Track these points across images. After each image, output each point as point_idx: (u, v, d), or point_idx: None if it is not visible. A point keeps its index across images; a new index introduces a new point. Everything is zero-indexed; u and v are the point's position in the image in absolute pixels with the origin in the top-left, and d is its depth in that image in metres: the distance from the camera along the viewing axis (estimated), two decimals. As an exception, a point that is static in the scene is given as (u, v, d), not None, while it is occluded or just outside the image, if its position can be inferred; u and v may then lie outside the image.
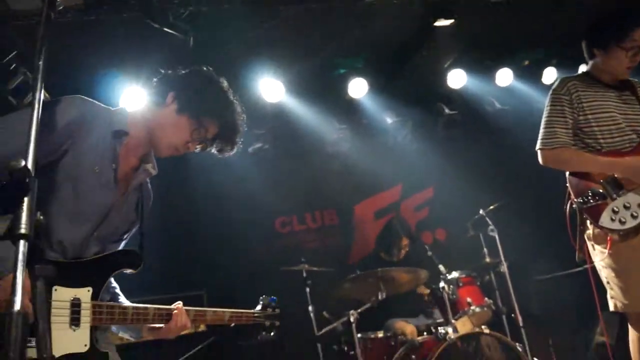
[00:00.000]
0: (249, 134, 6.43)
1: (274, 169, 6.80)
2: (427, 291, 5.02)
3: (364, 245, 6.56)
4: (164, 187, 3.10)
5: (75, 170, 2.06)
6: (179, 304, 2.38)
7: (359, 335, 4.62)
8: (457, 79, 6.10)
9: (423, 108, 6.79)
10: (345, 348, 4.82)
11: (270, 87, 5.60)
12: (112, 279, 2.33)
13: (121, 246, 2.32)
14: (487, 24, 5.46)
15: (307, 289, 5.12)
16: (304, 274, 5.19)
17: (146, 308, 2.26)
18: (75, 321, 1.99)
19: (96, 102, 2.22)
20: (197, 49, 4.62)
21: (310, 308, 5.02)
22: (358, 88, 5.92)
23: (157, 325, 2.33)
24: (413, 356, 4.41)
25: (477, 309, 4.70)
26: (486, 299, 4.83)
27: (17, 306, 1.15)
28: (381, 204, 7.25)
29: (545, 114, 3.23)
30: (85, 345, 1.99)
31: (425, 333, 4.74)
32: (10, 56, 3.96)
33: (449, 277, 4.78)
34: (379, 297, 4.64)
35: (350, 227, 7.12)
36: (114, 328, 2.34)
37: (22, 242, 1.25)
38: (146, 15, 4.15)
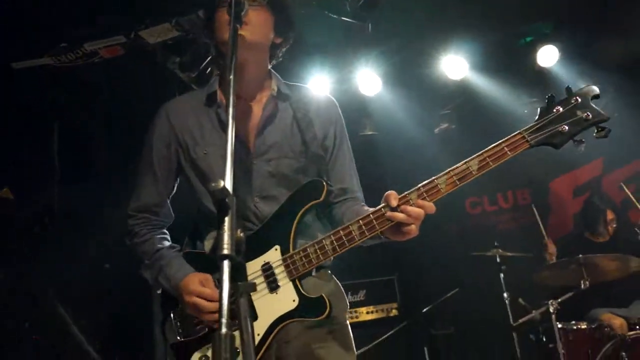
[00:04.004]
0: (434, 115, 6.34)
1: (462, 148, 6.54)
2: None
3: (561, 225, 6.09)
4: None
5: (198, 167, 2.10)
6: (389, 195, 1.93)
7: (559, 325, 4.33)
8: (668, 36, 5.35)
9: (625, 73, 6.06)
10: (544, 339, 4.56)
11: (453, 64, 5.38)
12: (336, 205, 2.19)
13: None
14: None
15: (502, 275, 4.91)
16: (498, 259, 4.97)
17: (346, 228, 1.93)
18: (272, 284, 1.96)
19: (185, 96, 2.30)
20: (376, 33, 4.60)
21: (505, 295, 4.82)
22: (548, 56, 5.44)
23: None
24: (623, 353, 4.00)
25: None
26: None
27: (224, 328, 1.19)
28: (580, 180, 6.71)
29: None
30: (294, 301, 1.94)
31: (637, 327, 4.27)
32: (206, 61, 4.26)
33: (666, 263, 4.23)
34: (582, 286, 4.27)
35: (545, 206, 6.64)
36: None
37: (225, 262, 1.30)
38: (324, 7, 4.22)
